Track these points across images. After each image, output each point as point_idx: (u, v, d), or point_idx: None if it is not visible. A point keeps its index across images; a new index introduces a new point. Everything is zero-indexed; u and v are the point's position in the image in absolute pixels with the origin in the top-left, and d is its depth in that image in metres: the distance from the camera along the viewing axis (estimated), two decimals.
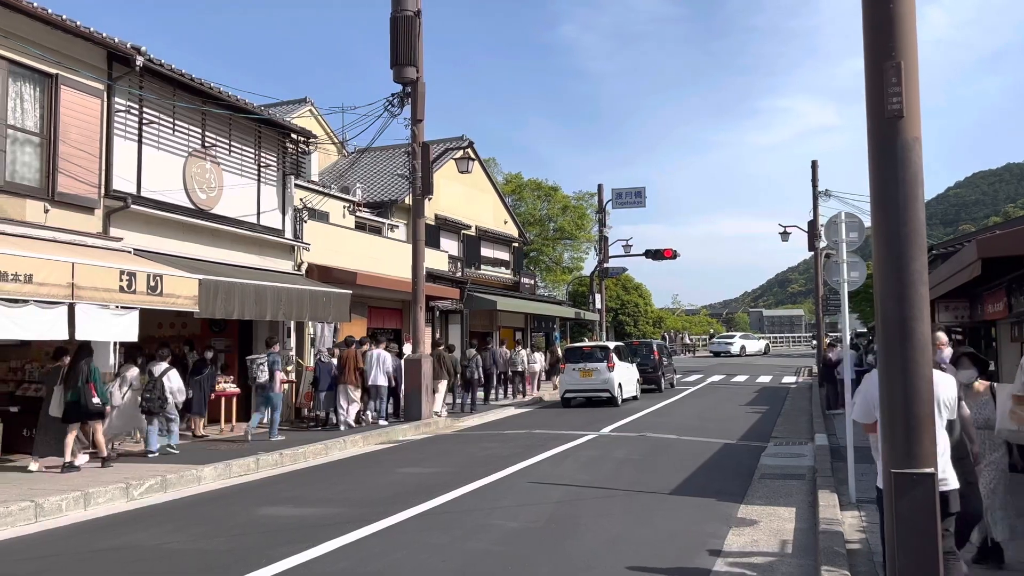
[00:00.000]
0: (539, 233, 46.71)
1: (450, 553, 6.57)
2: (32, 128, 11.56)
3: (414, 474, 10.77)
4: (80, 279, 10.12)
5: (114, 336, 11.10)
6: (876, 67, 3.82)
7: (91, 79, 12.32)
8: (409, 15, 16.63)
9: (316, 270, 17.80)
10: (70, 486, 8.95)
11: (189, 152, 14.49)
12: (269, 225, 16.54)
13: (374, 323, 21.53)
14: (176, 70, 13.58)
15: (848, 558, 5.93)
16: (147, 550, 6.88)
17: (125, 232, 12.90)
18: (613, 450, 12.65)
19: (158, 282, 11.36)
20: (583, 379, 20.69)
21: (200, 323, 15.04)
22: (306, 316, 15.83)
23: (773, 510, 8.08)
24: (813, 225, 33.22)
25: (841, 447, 10.92)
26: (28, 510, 7.98)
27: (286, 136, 17.31)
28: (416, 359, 16.65)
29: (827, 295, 33.31)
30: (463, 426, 16.85)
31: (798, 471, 10.41)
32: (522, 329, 32.16)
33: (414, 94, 16.96)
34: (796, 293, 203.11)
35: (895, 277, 3.71)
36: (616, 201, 33.62)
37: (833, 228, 9.23)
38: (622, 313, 51.62)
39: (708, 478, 10.14)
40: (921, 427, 3.64)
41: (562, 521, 7.73)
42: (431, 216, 24.95)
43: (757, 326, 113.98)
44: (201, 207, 14.65)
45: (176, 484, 9.75)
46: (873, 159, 3.83)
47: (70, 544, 7.17)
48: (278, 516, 8.19)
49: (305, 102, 27.00)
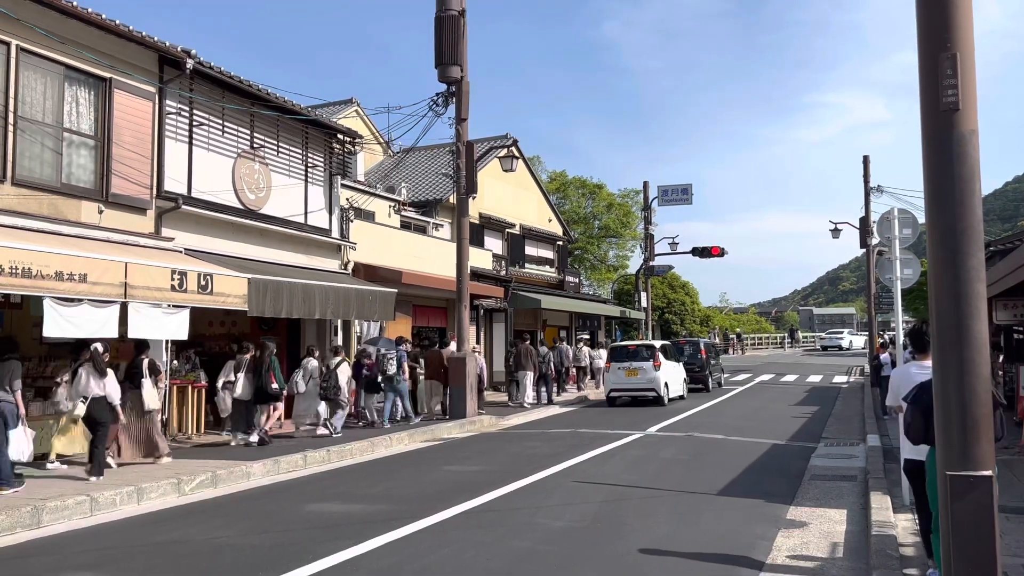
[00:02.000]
0: (584, 231, 46.55)
1: (495, 551, 6.57)
2: (87, 131, 11.85)
3: (459, 472, 10.80)
4: (133, 278, 10.35)
5: (166, 334, 11.35)
6: (930, 58, 3.71)
7: (143, 82, 12.59)
8: (453, 15, 16.68)
9: (362, 269, 17.97)
10: (124, 481, 9.16)
11: (238, 153, 14.74)
12: (316, 225, 16.74)
13: (419, 322, 21.67)
14: (225, 72, 13.81)
15: (901, 562, 5.79)
16: (197, 544, 7.01)
17: (176, 232, 13.16)
18: (659, 450, 12.54)
19: (208, 281, 11.57)
20: (628, 378, 20.52)
21: (249, 322, 15.27)
22: (352, 315, 15.99)
23: (823, 512, 7.93)
24: (865, 221, 32.65)
25: (894, 448, 10.68)
26: (84, 504, 8.18)
27: (332, 136, 17.50)
28: (461, 358, 16.70)
29: (879, 293, 32.69)
30: (507, 425, 16.86)
31: (849, 472, 10.20)
32: (567, 328, 32.07)
33: (458, 93, 17.00)
34: (847, 291, 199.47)
35: (951, 275, 3.59)
36: (662, 198, 33.37)
37: (886, 224, 9.03)
38: (668, 312, 51.18)
39: (756, 479, 9.99)
40: (978, 428, 3.53)
41: (607, 521, 7.68)
42: (475, 215, 25.00)
43: (807, 325, 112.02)
44: (250, 207, 14.89)
45: (226, 480, 9.92)
46: (927, 153, 3.72)
47: (123, 538, 7.34)
48: (325, 512, 8.28)
49: (351, 102, 27.27)
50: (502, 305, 25.48)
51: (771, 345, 70.76)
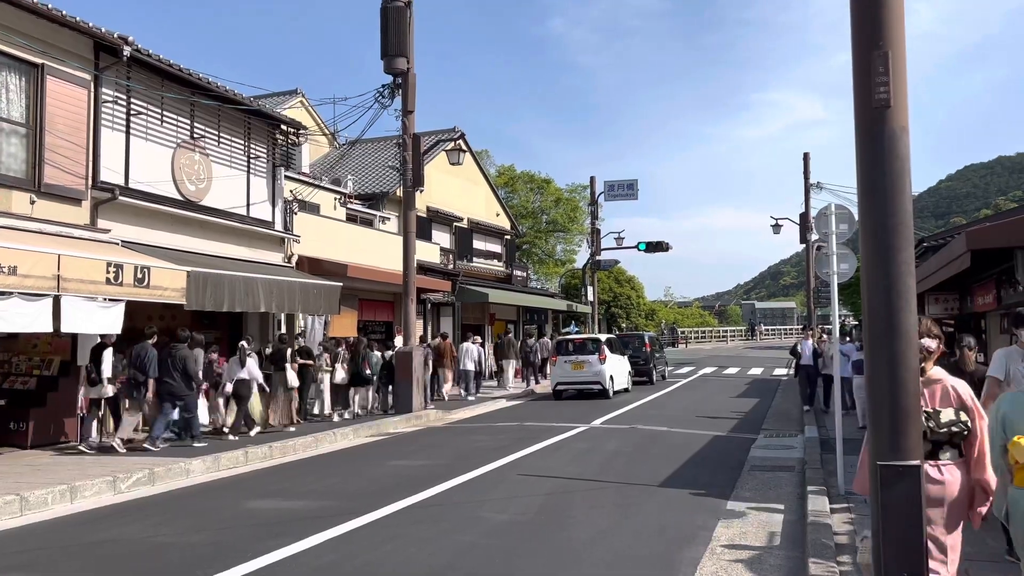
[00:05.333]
0: (532, 226, 46.66)
1: (438, 546, 6.54)
2: (18, 119, 11.46)
3: (404, 467, 10.74)
4: (66, 271, 10.04)
5: (99, 328, 11.01)
6: (863, 56, 3.78)
7: (78, 69, 12.22)
8: (400, 6, 16.53)
9: (306, 262, 17.73)
10: (56, 479, 8.90)
11: (177, 143, 14.40)
12: (259, 217, 16.45)
13: (365, 316, 21.48)
14: (164, 60, 13.47)
15: (836, 551, 5.93)
16: (133, 543, 6.83)
17: (113, 224, 12.81)
18: (604, 442, 12.64)
19: (145, 274, 11.28)
20: (574, 371, 20.63)
21: (189, 316, 14.93)
22: (297, 308, 15.75)
23: (762, 503, 8.08)
24: (805, 217, 33.33)
25: (831, 439, 10.92)
26: (13, 503, 7.92)
27: (276, 127, 17.22)
28: (407, 352, 16.59)
29: (818, 287, 33.39)
30: (454, 419, 16.82)
31: (787, 463, 10.41)
32: (514, 322, 32.12)
33: (405, 85, 16.86)
34: (788, 285, 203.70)
35: (882, 269, 3.67)
36: (608, 193, 33.60)
37: (823, 220, 9.22)
38: (615, 305, 51.66)
39: (698, 470, 10.13)
40: (908, 419, 3.61)
41: (551, 513, 7.71)
42: (423, 208, 24.87)
43: (749, 318, 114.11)
44: (190, 199, 14.56)
45: (164, 477, 9.70)
46: (860, 149, 3.79)
47: (56, 538, 7.12)
48: (266, 509, 8.15)
49: (296, 93, 26.85)
50: (449, 299, 25.41)
51: (715, 339, 71.72)
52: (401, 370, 16.51)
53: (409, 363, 16.44)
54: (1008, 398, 4.03)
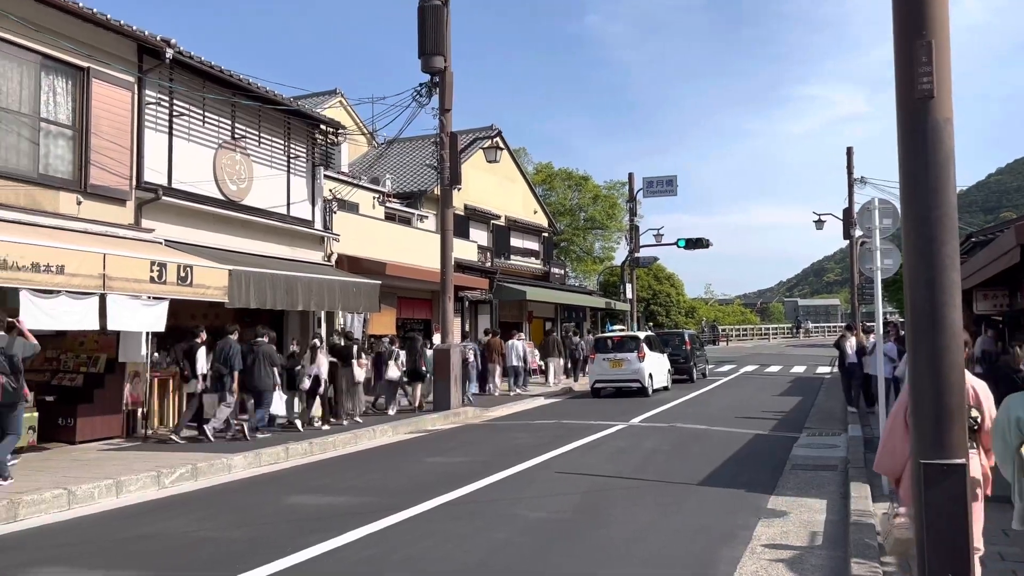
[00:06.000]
0: (570, 223, 46.56)
1: (475, 542, 6.56)
2: (65, 121, 11.71)
3: (442, 463, 10.78)
4: (111, 270, 10.24)
5: (144, 326, 11.23)
6: (905, 46, 3.69)
7: (122, 72, 12.45)
8: (437, 4, 16.57)
9: (346, 261, 17.88)
10: (102, 474, 9.08)
11: (219, 144, 14.61)
12: (299, 216, 16.63)
13: (404, 313, 21.61)
14: (205, 62, 13.67)
15: (879, 551, 5.81)
16: (176, 537, 6.95)
17: (156, 223, 13.04)
18: (642, 440, 12.56)
19: (188, 273, 11.46)
20: (613, 369, 20.54)
21: (231, 314, 15.14)
22: (336, 306, 15.91)
23: (804, 501, 7.96)
24: (848, 213, 32.78)
25: (875, 438, 10.74)
26: (61, 497, 8.10)
27: (315, 127, 17.38)
28: (445, 349, 16.65)
29: (863, 284, 32.80)
30: (492, 416, 16.84)
31: (830, 462, 10.25)
32: (552, 319, 32.08)
33: (442, 83, 16.91)
34: (832, 282, 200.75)
35: (925, 262, 3.59)
36: (647, 190, 33.34)
37: (866, 215, 9.04)
38: (654, 303, 51.36)
39: (738, 469, 10.02)
40: (951, 416, 3.52)
41: (588, 511, 7.68)
42: (460, 206, 24.94)
43: (792, 316, 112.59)
44: (231, 198, 14.77)
45: (206, 472, 9.85)
46: (903, 141, 3.70)
47: (102, 531, 7.27)
48: (307, 505, 8.24)
49: (335, 93, 27.11)
50: (487, 297, 25.45)
51: (757, 336, 70.85)
52: (439, 368, 16.58)
53: (447, 361, 16.50)
54: (1017, 399, 4.11)
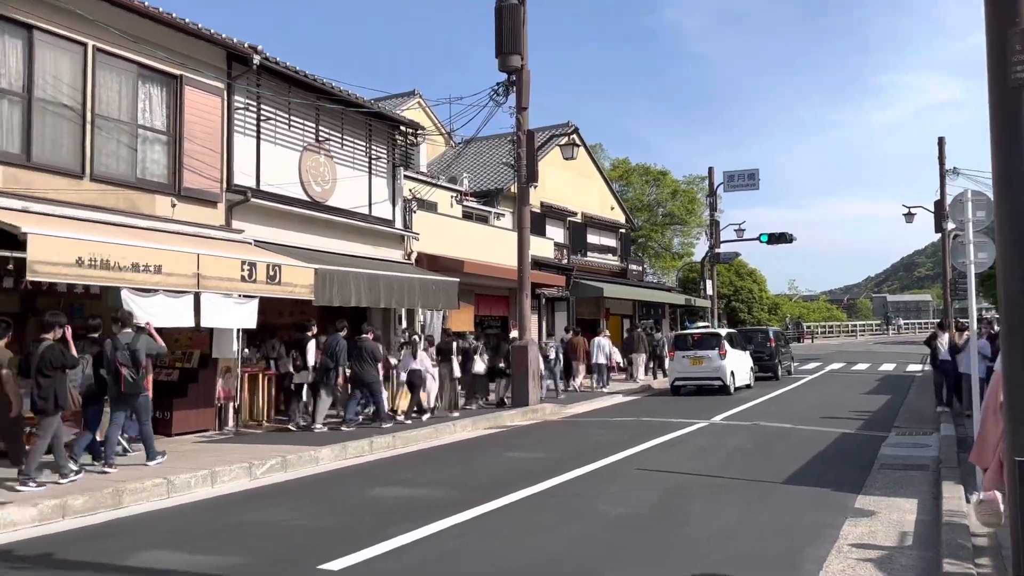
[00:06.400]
0: (648, 219, 46.10)
1: (554, 536, 6.62)
2: (160, 127, 12.25)
3: (521, 459, 10.87)
4: (205, 269, 10.69)
5: (236, 323, 11.69)
6: (998, 34, 3.58)
7: (212, 78, 12.95)
8: (513, 4, 16.67)
9: (425, 259, 18.18)
10: (198, 465, 9.49)
11: (304, 146, 15.04)
12: (380, 216, 16.99)
13: (482, 311, 21.83)
14: (291, 67, 14.10)
15: (973, 552, 5.64)
16: (268, 526, 7.23)
17: (246, 224, 13.52)
18: (724, 438, 12.41)
19: (277, 272, 11.86)
20: (693, 367, 20.31)
21: (317, 311, 15.58)
22: (416, 304, 16.21)
23: (892, 501, 7.75)
24: (940, 205, 31.59)
25: (969, 437, 10.37)
26: (161, 486, 8.51)
27: (395, 128, 17.72)
28: (523, 346, 16.75)
29: (955, 279, 31.58)
30: (570, 413, 16.88)
31: (921, 462, 9.94)
32: (630, 316, 31.88)
33: (519, 82, 17.01)
34: (923, 277, 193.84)
35: (1020, 256, 3.48)
36: (728, 184, 32.80)
37: (959, 207, 8.74)
38: (735, 299, 50.35)
39: (824, 468, 9.81)
40: None
41: (669, 509, 7.65)
42: (536, 204, 25.02)
43: (880, 312, 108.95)
44: (316, 199, 15.19)
45: (295, 464, 10.18)
46: (995, 131, 3.60)
47: (200, 518, 7.61)
48: (390, 497, 8.44)
49: (413, 94, 27.52)
50: (564, 294, 25.46)
51: (843, 334, 68.75)
52: (517, 364, 16.69)
53: (525, 357, 16.60)
54: None
